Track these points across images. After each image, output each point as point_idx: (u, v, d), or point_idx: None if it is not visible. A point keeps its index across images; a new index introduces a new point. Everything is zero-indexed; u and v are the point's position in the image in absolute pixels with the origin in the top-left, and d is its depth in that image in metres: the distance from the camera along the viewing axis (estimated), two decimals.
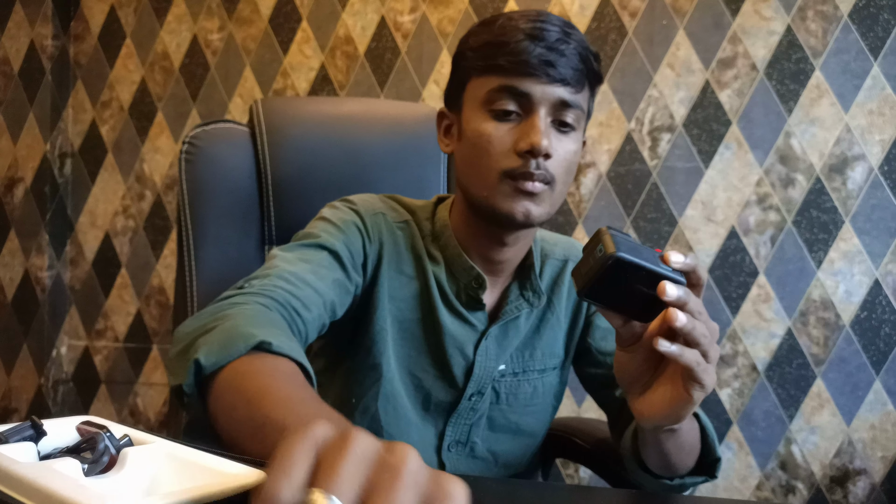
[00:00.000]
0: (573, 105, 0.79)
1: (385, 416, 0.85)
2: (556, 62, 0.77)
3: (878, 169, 1.62)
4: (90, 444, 0.43)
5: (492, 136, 0.79)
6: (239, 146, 1.11)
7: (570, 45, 0.79)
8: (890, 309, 1.62)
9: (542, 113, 0.78)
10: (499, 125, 0.80)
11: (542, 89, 0.78)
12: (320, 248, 0.81)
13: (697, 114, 1.71)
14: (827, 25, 1.64)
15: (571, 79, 0.78)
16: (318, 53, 1.95)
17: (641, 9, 1.74)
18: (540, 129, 0.77)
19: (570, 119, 0.80)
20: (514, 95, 0.79)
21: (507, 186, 0.79)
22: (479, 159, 0.80)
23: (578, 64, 0.79)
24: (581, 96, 0.81)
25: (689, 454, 0.76)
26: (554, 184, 0.80)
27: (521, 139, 0.78)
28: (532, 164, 0.78)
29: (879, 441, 1.62)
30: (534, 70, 0.77)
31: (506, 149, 0.79)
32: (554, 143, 0.79)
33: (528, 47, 0.77)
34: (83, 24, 2.15)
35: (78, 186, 2.15)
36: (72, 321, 2.14)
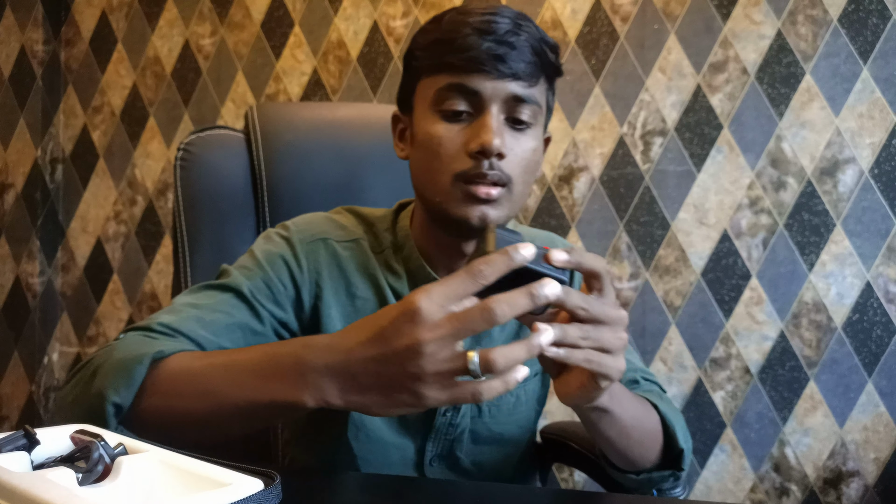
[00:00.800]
0: (528, 100, 0.75)
1: (357, 444, 0.82)
2: (506, 56, 0.73)
3: (868, 172, 1.63)
4: (84, 454, 0.42)
5: (442, 138, 0.75)
6: (234, 152, 1.11)
7: (521, 36, 0.74)
8: (881, 311, 1.62)
9: (493, 110, 0.74)
10: (449, 126, 0.75)
11: (493, 85, 0.74)
12: (224, 289, 0.77)
13: (689, 118, 1.72)
14: (817, 29, 1.66)
15: (524, 72, 0.74)
16: (311, 58, 1.95)
17: (633, 13, 1.75)
18: (491, 127, 0.73)
19: (525, 116, 0.76)
20: (463, 94, 0.74)
21: (460, 191, 0.75)
22: (431, 163, 0.76)
23: (531, 56, 0.75)
24: (536, 90, 0.76)
25: (645, 445, 0.73)
26: (511, 185, 0.75)
27: (471, 139, 0.74)
28: (484, 164, 0.73)
29: (872, 442, 1.63)
30: (482, 66, 0.73)
31: (457, 150, 0.75)
32: (509, 142, 0.75)
33: (476, 42, 0.73)
34: (74, 29, 2.14)
35: (69, 192, 2.14)
36: (63, 328, 2.13)
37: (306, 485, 0.58)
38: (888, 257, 1.62)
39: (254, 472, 0.41)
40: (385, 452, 0.82)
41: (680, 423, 0.78)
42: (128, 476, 0.40)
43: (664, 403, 0.78)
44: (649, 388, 0.84)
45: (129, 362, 0.62)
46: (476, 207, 0.75)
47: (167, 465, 0.41)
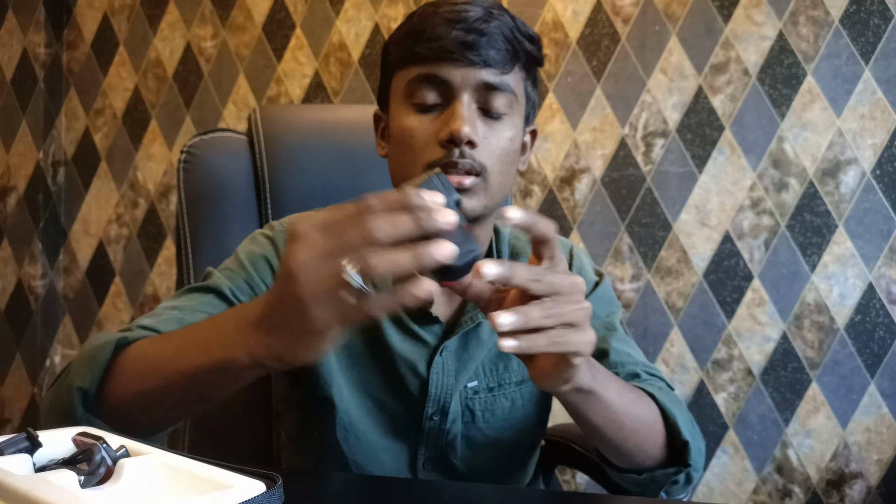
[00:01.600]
0: (501, 88, 0.74)
1: (346, 446, 0.81)
2: (475, 43, 0.72)
3: (870, 173, 1.63)
4: (86, 456, 0.42)
5: (414, 130, 0.74)
6: (237, 154, 1.11)
7: (491, 24, 0.73)
8: (884, 312, 1.62)
9: (464, 99, 0.73)
10: (422, 117, 0.74)
11: (463, 73, 0.72)
12: (206, 290, 0.77)
13: (691, 119, 1.72)
14: (818, 30, 1.66)
15: (495, 60, 0.73)
16: (312, 60, 1.95)
17: (634, 15, 1.75)
18: (461, 115, 0.71)
19: (499, 103, 0.74)
20: (433, 84, 0.73)
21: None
22: (404, 156, 0.75)
23: (503, 44, 0.73)
24: (510, 78, 0.75)
25: (641, 435, 0.70)
26: (486, 174, 0.74)
27: (441, 128, 0.73)
28: (455, 152, 0.72)
29: (875, 444, 1.63)
30: (451, 54, 0.72)
31: (428, 140, 0.73)
32: (483, 131, 0.73)
33: (445, 31, 0.72)
34: (76, 32, 2.14)
35: (71, 194, 2.14)
36: (65, 330, 2.13)
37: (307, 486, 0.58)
38: (890, 258, 1.62)
39: (256, 475, 0.41)
40: (375, 455, 0.81)
41: (683, 415, 0.74)
42: (130, 478, 0.40)
43: (663, 394, 0.75)
44: (651, 382, 0.81)
45: (95, 350, 0.64)
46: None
47: (169, 468, 0.41)
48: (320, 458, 0.83)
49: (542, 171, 1.80)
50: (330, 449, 0.81)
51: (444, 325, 0.82)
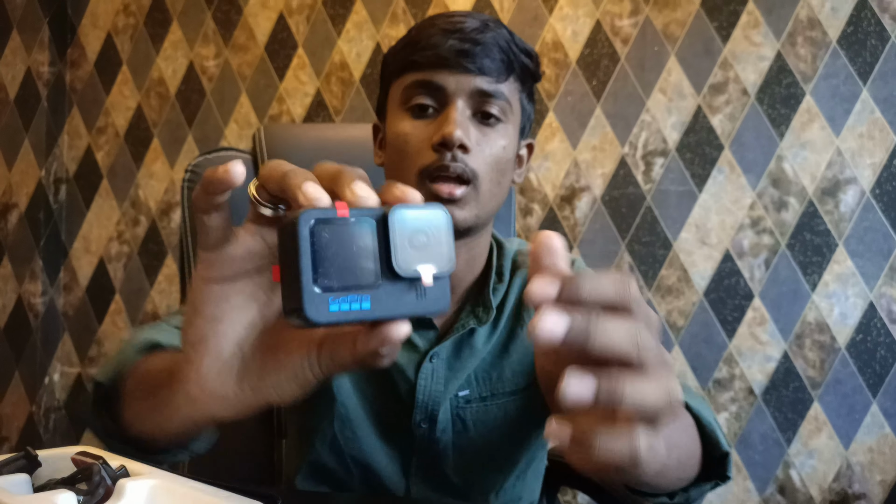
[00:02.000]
0: (495, 95, 0.74)
1: (344, 441, 0.81)
2: (470, 52, 0.73)
3: (869, 192, 1.64)
4: (85, 475, 0.42)
5: (408, 135, 0.75)
6: None
7: (486, 34, 0.74)
8: (885, 331, 1.62)
9: (458, 105, 0.74)
10: (416, 123, 0.75)
11: (457, 80, 0.74)
12: None
13: (690, 138, 1.73)
14: (816, 51, 1.67)
15: (490, 68, 0.74)
16: (314, 79, 1.96)
17: (633, 35, 1.77)
18: (454, 119, 0.72)
19: (493, 110, 0.75)
20: (428, 90, 0.75)
21: (425, 190, 0.73)
22: (399, 161, 0.76)
23: (498, 54, 0.74)
24: (505, 87, 0.75)
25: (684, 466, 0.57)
26: (477, 181, 0.73)
27: (434, 132, 0.73)
28: (447, 156, 0.72)
29: (878, 464, 1.62)
30: (447, 62, 0.73)
31: (421, 145, 0.74)
32: (475, 136, 0.74)
33: (441, 40, 0.74)
34: (80, 51, 2.16)
35: (72, 212, 2.15)
36: (65, 348, 2.12)
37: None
38: (891, 277, 1.62)
39: (255, 495, 0.41)
40: (371, 454, 0.81)
41: (715, 419, 0.66)
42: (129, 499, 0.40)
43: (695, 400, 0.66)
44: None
45: (123, 348, 0.64)
46: None
47: (168, 488, 0.41)
48: (320, 454, 0.83)
49: (542, 190, 1.80)
50: (328, 442, 0.81)
51: (438, 329, 0.81)
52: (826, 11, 1.66)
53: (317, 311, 0.33)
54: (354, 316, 0.34)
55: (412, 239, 0.36)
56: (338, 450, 0.81)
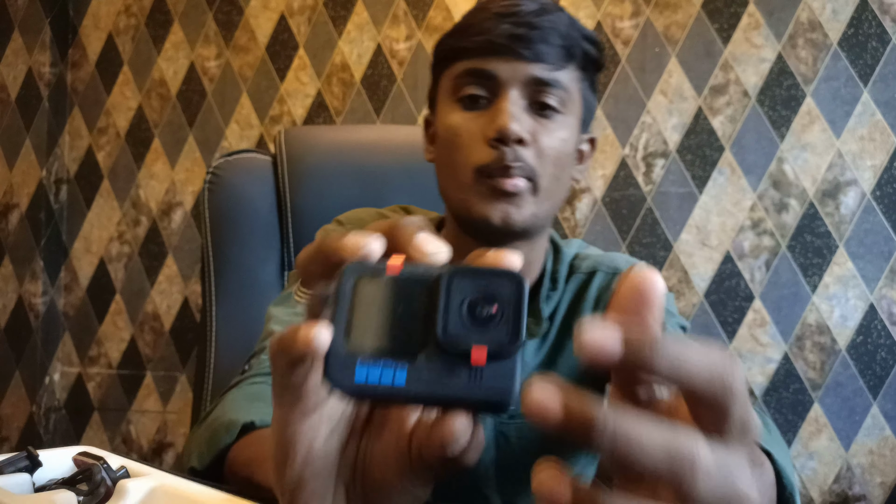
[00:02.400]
0: (552, 84, 0.68)
1: None
2: (526, 37, 0.67)
3: (870, 194, 1.64)
4: (86, 476, 0.42)
5: (460, 128, 0.69)
6: (260, 176, 1.13)
7: (544, 18, 0.68)
8: (885, 333, 1.62)
9: (512, 95, 0.68)
10: (467, 115, 0.70)
11: (511, 68, 0.68)
12: None
13: (690, 140, 1.73)
14: (817, 53, 1.67)
15: (547, 55, 0.68)
16: (315, 80, 1.97)
17: (634, 37, 1.77)
18: (507, 110, 0.66)
19: (551, 100, 0.69)
20: (479, 78, 0.69)
21: (484, 186, 0.68)
22: (452, 156, 0.70)
23: (557, 39, 0.68)
24: (564, 75, 0.69)
25: None
26: (537, 178, 0.68)
27: (488, 126, 0.67)
28: (508, 154, 0.66)
29: (878, 466, 1.61)
30: (500, 48, 0.67)
31: (475, 140, 0.68)
32: (531, 128, 0.68)
33: (494, 25, 0.68)
34: (81, 52, 2.16)
35: (73, 212, 2.15)
36: (65, 348, 2.13)
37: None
38: (891, 279, 1.62)
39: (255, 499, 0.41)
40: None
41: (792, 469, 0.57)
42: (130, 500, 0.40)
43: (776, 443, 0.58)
44: None
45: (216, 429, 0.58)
46: (497, 205, 0.67)
47: (168, 489, 0.41)
48: None
49: None
50: None
51: None
52: (827, 14, 1.66)
53: (341, 374, 0.28)
54: (385, 390, 0.29)
55: (472, 308, 0.29)
56: None
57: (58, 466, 0.46)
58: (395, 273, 0.29)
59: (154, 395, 2.03)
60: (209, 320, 1.05)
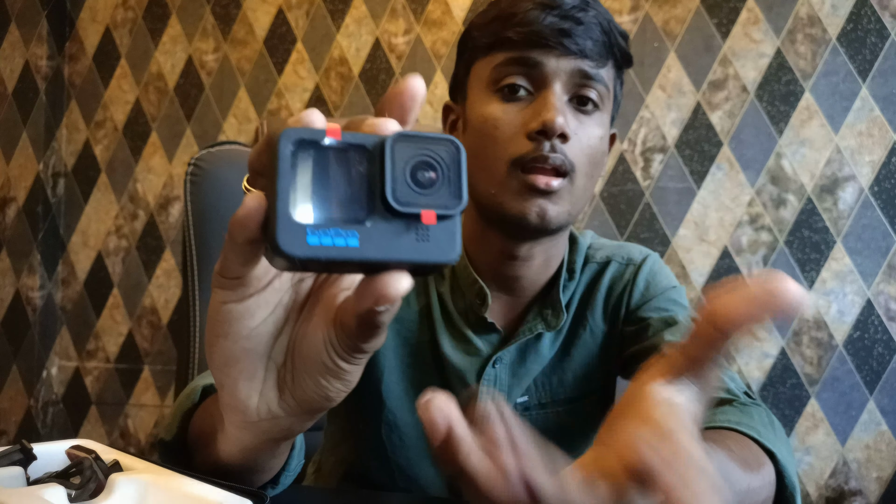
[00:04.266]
0: (595, 79, 0.68)
1: (391, 445, 0.76)
2: (572, 31, 0.66)
3: (868, 189, 1.64)
4: (78, 470, 0.42)
5: (498, 119, 0.68)
6: (243, 167, 1.12)
7: (588, 13, 0.68)
8: (882, 328, 1.62)
9: (556, 88, 0.67)
10: (507, 106, 0.68)
11: (557, 60, 0.66)
12: None
13: (689, 135, 1.73)
14: (816, 48, 1.67)
15: (591, 51, 0.67)
16: (313, 74, 1.96)
17: (633, 31, 1.76)
18: (554, 104, 0.65)
19: (593, 95, 0.68)
20: (523, 68, 0.67)
21: (517, 181, 0.66)
22: (485, 148, 0.68)
23: (600, 35, 0.68)
24: (605, 72, 0.69)
25: None
26: (574, 175, 0.67)
27: (531, 119, 0.66)
28: (546, 146, 0.65)
29: (874, 461, 1.62)
30: (546, 40, 0.66)
31: (514, 132, 0.67)
32: (573, 125, 0.67)
33: (538, 16, 0.67)
34: (78, 45, 2.15)
35: (71, 206, 2.15)
36: (62, 342, 2.13)
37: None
38: (888, 275, 1.62)
39: (244, 492, 0.41)
40: (418, 462, 0.76)
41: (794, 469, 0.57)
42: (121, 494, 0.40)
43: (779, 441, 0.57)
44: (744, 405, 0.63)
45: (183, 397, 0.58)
46: (534, 201, 0.66)
47: (159, 483, 0.41)
48: (361, 458, 0.79)
49: None
50: (374, 446, 0.77)
51: (502, 332, 0.75)
52: (826, 9, 1.66)
53: (291, 242, 0.29)
54: (338, 253, 0.29)
55: (414, 172, 0.30)
56: (382, 456, 0.77)
57: (52, 460, 0.46)
58: (335, 138, 0.30)
59: (152, 389, 2.04)
60: (192, 313, 1.03)
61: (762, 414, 0.61)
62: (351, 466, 0.81)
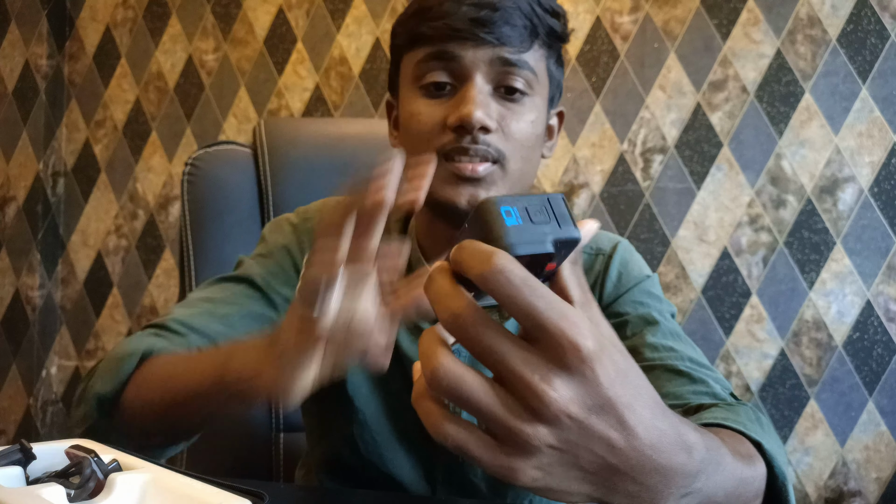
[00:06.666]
0: (519, 66, 0.67)
1: (363, 443, 0.77)
2: (488, 19, 0.66)
3: (868, 190, 1.64)
4: (77, 469, 0.42)
5: (422, 115, 0.68)
6: (241, 167, 1.12)
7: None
8: (882, 329, 1.62)
9: (477, 80, 0.66)
10: (431, 102, 0.69)
11: (474, 52, 0.66)
12: (238, 280, 0.75)
13: (689, 135, 1.73)
14: (816, 49, 1.67)
15: (510, 37, 0.66)
16: (313, 74, 1.96)
17: (633, 32, 1.76)
18: (472, 98, 0.65)
19: (517, 83, 0.68)
20: (442, 62, 0.67)
21: (444, 170, 0.67)
22: (414, 144, 0.69)
23: (520, 20, 0.67)
24: (529, 56, 0.68)
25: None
26: (505, 161, 0.67)
27: (451, 113, 0.67)
28: (466, 139, 0.66)
29: (873, 462, 1.62)
30: (461, 32, 0.66)
31: (437, 126, 0.67)
32: (499, 113, 0.67)
33: (453, 7, 0.66)
34: (78, 44, 2.15)
35: (70, 205, 2.15)
36: (62, 341, 2.13)
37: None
38: (888, 276, 1.62)
39: (244, 492, 0.41)
40: (393, 457, 0.77)
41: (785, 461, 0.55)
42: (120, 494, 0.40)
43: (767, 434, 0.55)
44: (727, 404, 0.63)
45: (121, 357, 0.63)
46: (464, 189, 0.67)
47: (159, 483, 0.41)
48: (340, 452, 0.80)
49: (540, 186, 1.80)
50: (348, 443, 0.78)
51: None
52: (826, 9, 1.66)
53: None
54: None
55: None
56: (357, 453, 0.78)
57: (52, 460, 0.46)
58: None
59: None
60: None
61: (748, 411, 0.61)
62: (332, 463, 0.82)
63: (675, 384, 0.66)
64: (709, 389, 0.66)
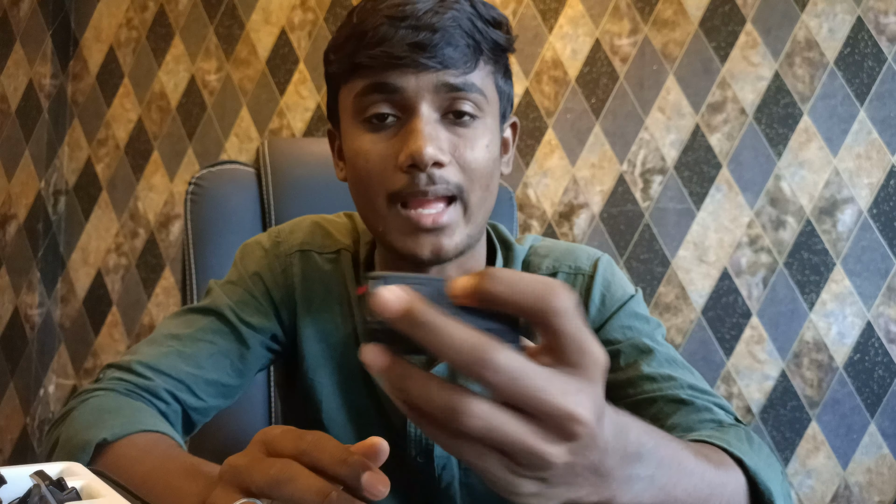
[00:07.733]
0: (465, 89, 0.62)
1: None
2: (428, 42, 0.60)
3: (867, 211, 1.63)
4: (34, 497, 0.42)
5: (368, 153, 0.63)
6: (244, 186, 1.12)
7: (444, 16, 0.61)
8: (883, 351, 1.61)
9: (423, 111, 0.61)
10: (375, 137, 0.63)
11: (417, 79, 0.61)
12: (206, 312, 0.72)
13: (688, 156, 1.73)
14: (814, 71, 1.67)
15: (454, 59, 0.61)
16: (314, 94, 1.97)
17: (632, 54, 1.77)
18: (421, 132, 0.60)
19: (466, 107, 0.63)
20: (383, 94, 0.62)
21: (400, 219, 0.62)
22: (362, 183, 0.64)
23: (462, 38, 0.61)
24: (476, 76, 0.63)
25: None
26: (464, 194, 0.63)
27: (401, 150, 0.61)
28: (422, 178, 0.61)
29: (876, 485, 1.60)
30: (401, 60, 0.60)
31: (386, 165, 0.62)
32: (451, 143, 0.62)
33: (389, 32, 0.60)
34: (82, 64, 2.17)
35: (71, 224, 2.15)
36: (60, 359, 2.12)
37: None
38: (888, 297, 1.61)
39: None
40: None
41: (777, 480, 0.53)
42: None
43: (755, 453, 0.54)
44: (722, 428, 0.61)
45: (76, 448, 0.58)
46: (425, 239, 0.63)
47: None
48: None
49: (540, 206, 1.80)
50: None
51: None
52: (824, 33, 1.67)
53: None
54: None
55: None
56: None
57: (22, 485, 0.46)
58: None
59: None
60: None
61: (738, 432, 0.59)
62: None
63: (680, 415, 0.64)
64: (714, 416, 0.64)
